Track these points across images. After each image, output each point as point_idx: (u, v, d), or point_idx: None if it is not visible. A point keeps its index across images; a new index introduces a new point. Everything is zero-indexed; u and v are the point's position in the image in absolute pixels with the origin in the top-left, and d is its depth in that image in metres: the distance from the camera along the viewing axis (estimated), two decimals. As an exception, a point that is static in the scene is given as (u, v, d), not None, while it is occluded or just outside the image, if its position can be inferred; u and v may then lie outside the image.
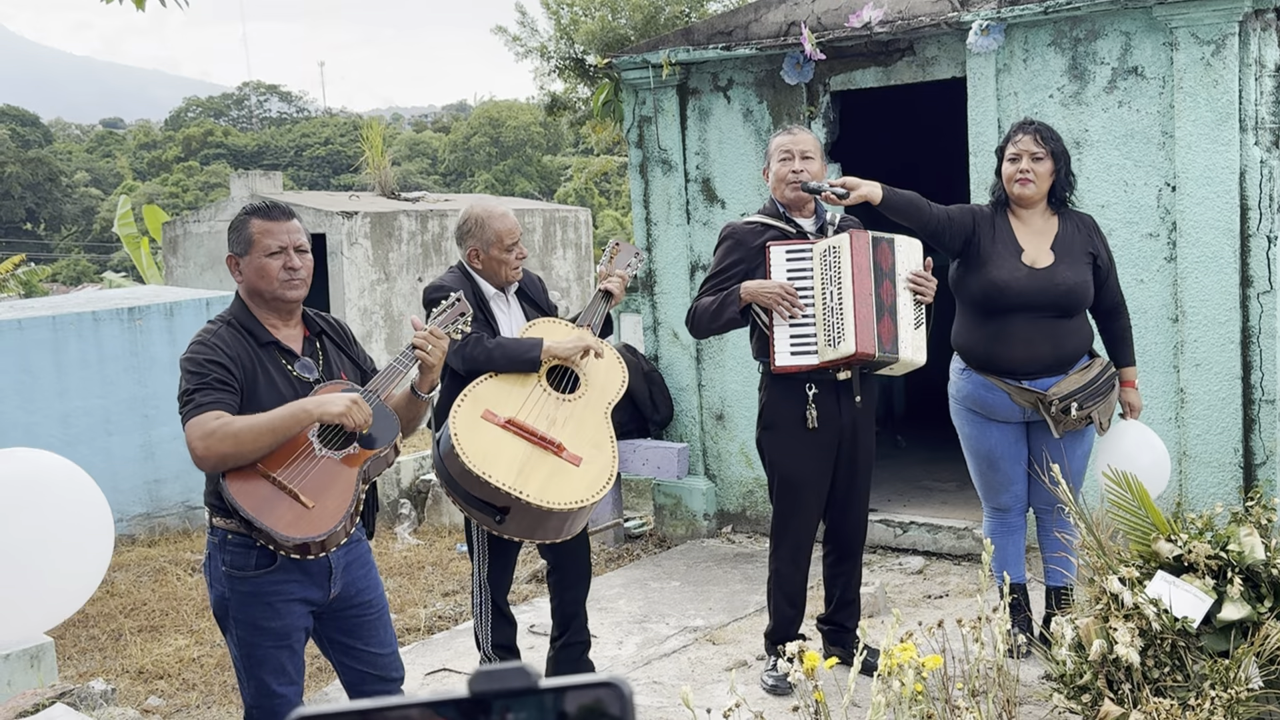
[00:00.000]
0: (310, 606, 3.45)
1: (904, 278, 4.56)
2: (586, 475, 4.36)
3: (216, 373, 3.29)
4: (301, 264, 3.44)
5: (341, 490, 3.33)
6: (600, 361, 4.66)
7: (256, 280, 3.42)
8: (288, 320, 3.51)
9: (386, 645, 3.65)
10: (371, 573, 3.61)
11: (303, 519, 3.26)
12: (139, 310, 8.57)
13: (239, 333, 3.41)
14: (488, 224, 4.65)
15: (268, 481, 3.26)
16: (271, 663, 3.42)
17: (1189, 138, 5.67)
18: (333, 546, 3.35)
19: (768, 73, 6.91)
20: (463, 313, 3.71)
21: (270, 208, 3.48)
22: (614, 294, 4.82)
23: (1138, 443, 4.67)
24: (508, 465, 4.26)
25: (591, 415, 4.53)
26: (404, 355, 3.55)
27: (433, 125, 70.30)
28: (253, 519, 3.21)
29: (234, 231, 3.48)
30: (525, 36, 17.78)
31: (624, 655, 5.39)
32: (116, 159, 62.27)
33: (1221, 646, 3.66)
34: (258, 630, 3.39)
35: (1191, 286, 5.73)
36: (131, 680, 5.64)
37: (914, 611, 5.67)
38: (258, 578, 3.35)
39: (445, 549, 7.64)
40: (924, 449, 8.23)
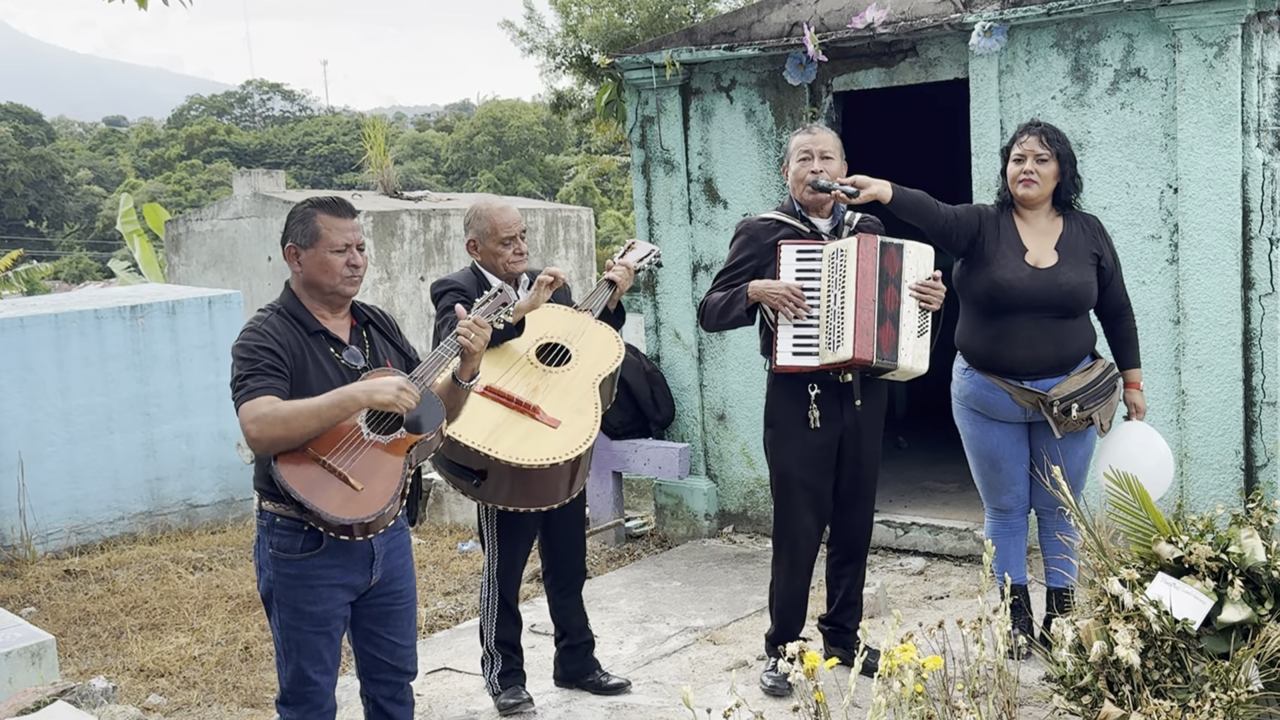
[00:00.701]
0: (352, 593, 3.55)
1: (911, 284, 4.55)
2: (563, 436, 4.39)
3: (268, 359, 3.40)
4: (362, 261, 3.56)
5: (389, 474, 3.42)
6: (595, 338, 4.69)
7: (318, 274, 3.53)
8: (337, 311, 3.61)
9: (408, 637, 3.76)
10: (409, 563, 3.72)
11: (352, 501, 3.34)
12: (141, 308, 8.57)
13: (289, 321, 3.52)
14: (485, 216, 4.73)
15: (318, 464, 3.35)
16: (310, 649, 3.52)
17: (1191, 140, 5.67)
18: (380, 529, 3.44)
19: (770, 73, 6.91)
20: (505, 303, 3.79)
21: (337, 204, 3.57)
22: (617, 283, 4.86)
23: (1141, 444, 4.66)
24: (480, 426, 4.31)
25: (578, 385, 4.56)
26: (448, 343, 3.63)
27: (435, 124, 70.31)
28: (303, 500, 3.29)
29: (298, 223, 3.55)
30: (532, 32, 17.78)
31: (625, 655, 5.39)
32: (119, 157, 62.30)
33: (1222, 648, 3.66)
34: (299, 614, 3.49)
35: (1193, 288, 5.73)
36: (132, 678, 5.65)
37: (915, 612, 5.67)
38: (303, 560, 3.46)
39: (447, 548, 7.64)
40: (925, 450, 8.23)
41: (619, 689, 4.92)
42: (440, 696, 5.03)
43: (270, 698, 5.33)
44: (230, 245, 13.88)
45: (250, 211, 13.73)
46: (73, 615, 6.66)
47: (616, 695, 4.89)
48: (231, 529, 8.68)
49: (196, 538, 8.40)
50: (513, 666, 4.79)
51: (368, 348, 3.63)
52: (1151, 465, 4.54)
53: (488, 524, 4.74)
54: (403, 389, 3.39)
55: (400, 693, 3.79)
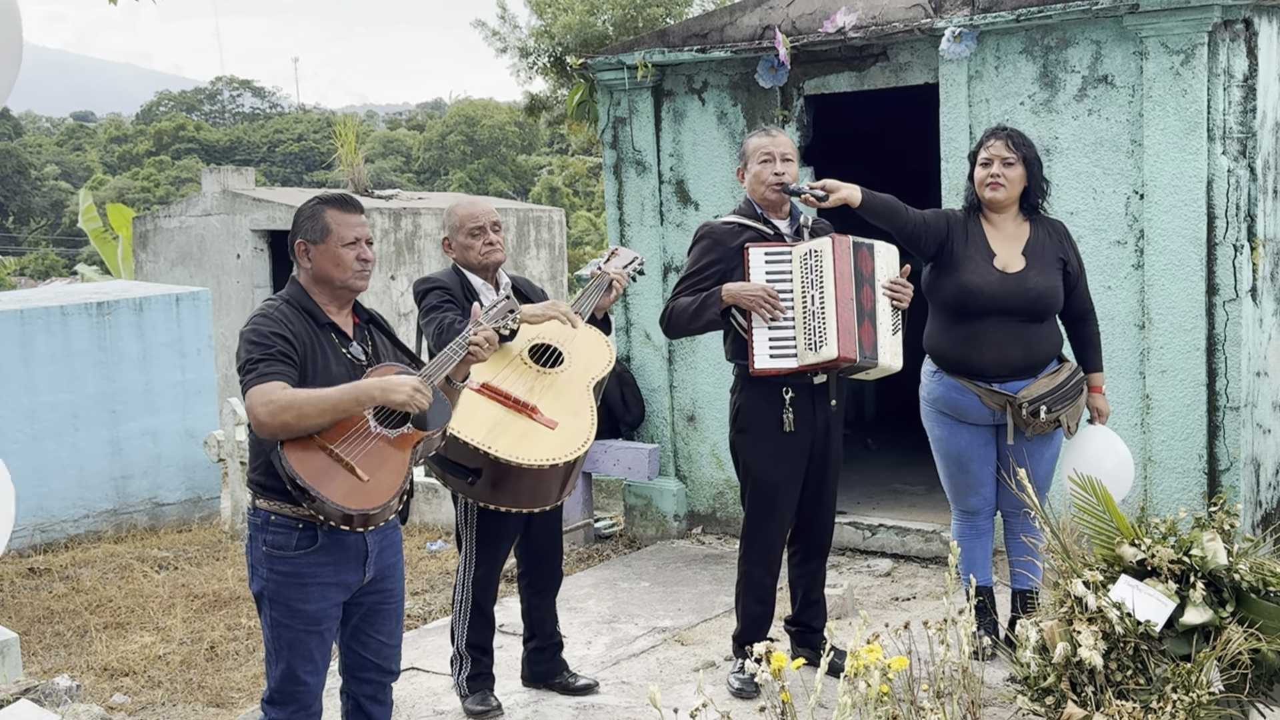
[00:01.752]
0: (345, 592, 3.55)
1: (883, 283, 4.59)
2: (560, 437, 4.38)
3: (280, 345, 3.42)
4: (371, 256, 3.61)
5: (395, 467, 3.44)
6: (587, 341, 4.68)
7: (330, 268, 3.56)
8: (342, 309, 3.65)
9: (394, 637, 3.76)
10: (400, 562, 3.73)
11: (358, 491, 3.36)
12: (108, 305, 8.52)
13: (299, 312, 3.55)
14: (455, 210, 4.76)
15: (325, 453, 3.36)
16: (301, 648, 3.51)
17: (1157, 146, 5.72)
18: (380, 522, 3.44)
19: (742, 75, 6.93)
20: (511, 310, 3.83)
21: (345, 199, 3.62)
22: (614, 289, 4.84)
23: (1103, 448, 4.71)
24: (479, 424, 4.30)
25: (573, 387, 4.55)
26: (458, 345, 3.67)
27: (407, 123, 70.07)
28: (309, 487, 3.30)
29: (307, 219, 3.59)
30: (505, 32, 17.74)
31: (592, 655, 5.40)
32: (87, 152, 61.81)
33: (1183, 650, 3.69)
34: (292, 613, 3.49)
35: (1158, 294, 5.79)
36: (96, 677, 5.61)
37: (882, 613, 5.70)
38: (297, 558, 3.46)
39: (415, 548, 7.63)
40: (894, 452, 8.27)
41: (587, 689, 4.92)
42: (407, 696, 5.02)
43: (236, 697, 5.31)
44: (198, 242, 13.79)
45: (219, 209, 13.65)
46: (37, 614, 6.61)
47: (584, 696, 4.89)
48: (198, 528, 8.63)
49: (162, 536, 8.35)
50: (482, 670, 4.78)
51: (370, 344, 3.67)
52: (1112, 468, 4.59)
53: (466, 528, 4.70)
54: (418, 389, 3.43)
55: (382, 693, 3.79)
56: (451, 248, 4.76)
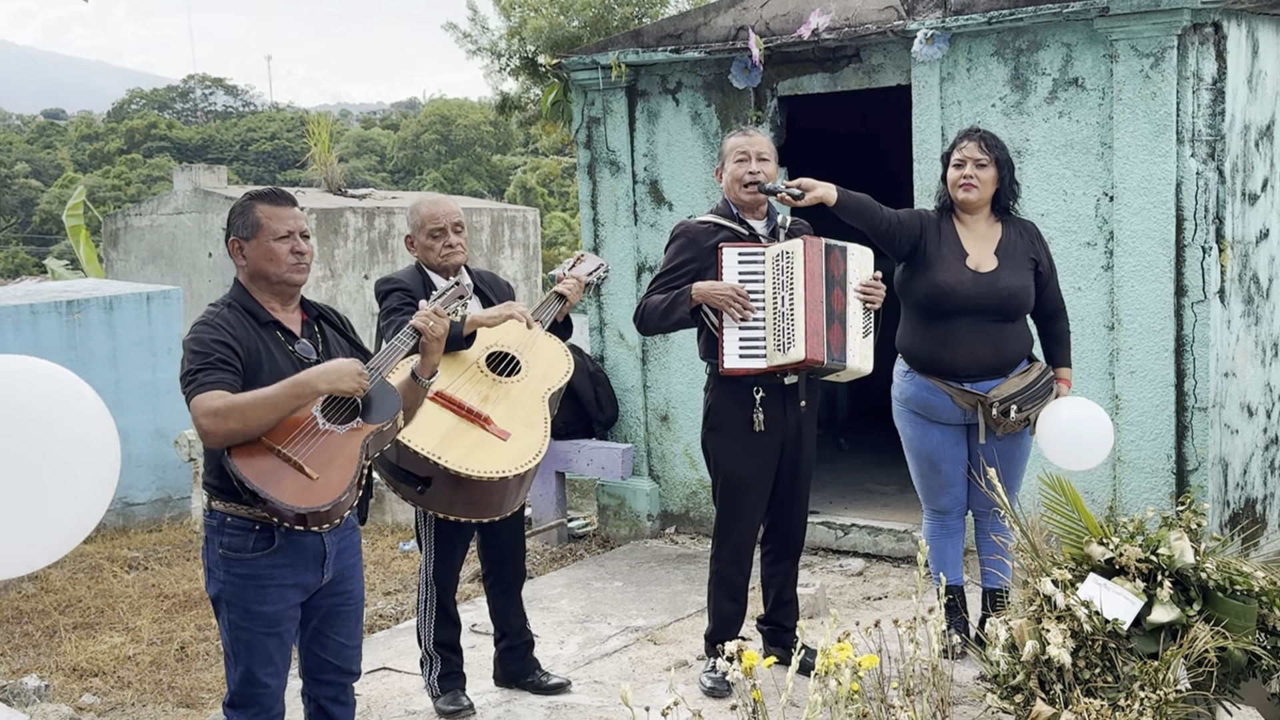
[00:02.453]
0: (303, 593, 3.51)
1: (855, 286, 4.60)
2: (512, 449, 4.33)
3: (220, 352, 3.36)
4: (307, 248, 3.55)
5: (345, 463, 3.40)
6: (545, 350, 4.66)
7: (264, 264, 3.51)
8: (287, 305, 3.60)
9: (354, 638, 3.72)
10: (359, 563, 3.69)
11: (308, 490, 3.32)
12: (78, 303, 8.46)
13: (241, 314, 3.49)
14: (417, 209, 4.74)
15: (273, 454, 3.32)
16: (261, 650, 3.47)
17: (1127, 149, 5.76)
18: (335, 519, 3.40)
19: (716, 76, 6.94)
20: (461, 295, 3.79)
21: (275, 193, 3.57)
22: (567, 297, 4.83)
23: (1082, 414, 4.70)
24: (431, 432, 4.26)
25: (528, 398, 4.52)
26: (405, 334, 3.63)
27: (381, 122, 69.81)
28: (258, 490, 3.25)
29: (238, 216, 3.54)
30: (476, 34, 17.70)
31: (565, 655, 5.40)
32: (58, 150, 61.33)
33: (1151, 648, 3.72)
34: (250, 615, 3.45)
35: (1128, 295, 5.83)
36: (66, 677, 5.58)
37: (853, 612, 5.72)
38: (254, 560, 3.42)
39: (388, 548, 7.61)
40: (866, 452, 8.30)
41: (559, 689, 4.92)
42: (379, 696, 5.01)
43: (206, 698, 5.29)
44: (170, 241, 13.71)
45: (191, 207, 13.58)
46: (5, 613, 6.56)
47: (556, 695, 4.89)
48: (168, 528, 8.59)
49: (132, 536, 8.30)
50: (452, 669, 4.77)
51: (320, 341, 3.62)
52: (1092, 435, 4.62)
53: (425, 526, 4.71)
54: (360, 373, 3.40)
55: (343, 694, 3.75)
56: (414, 246, 4.74)
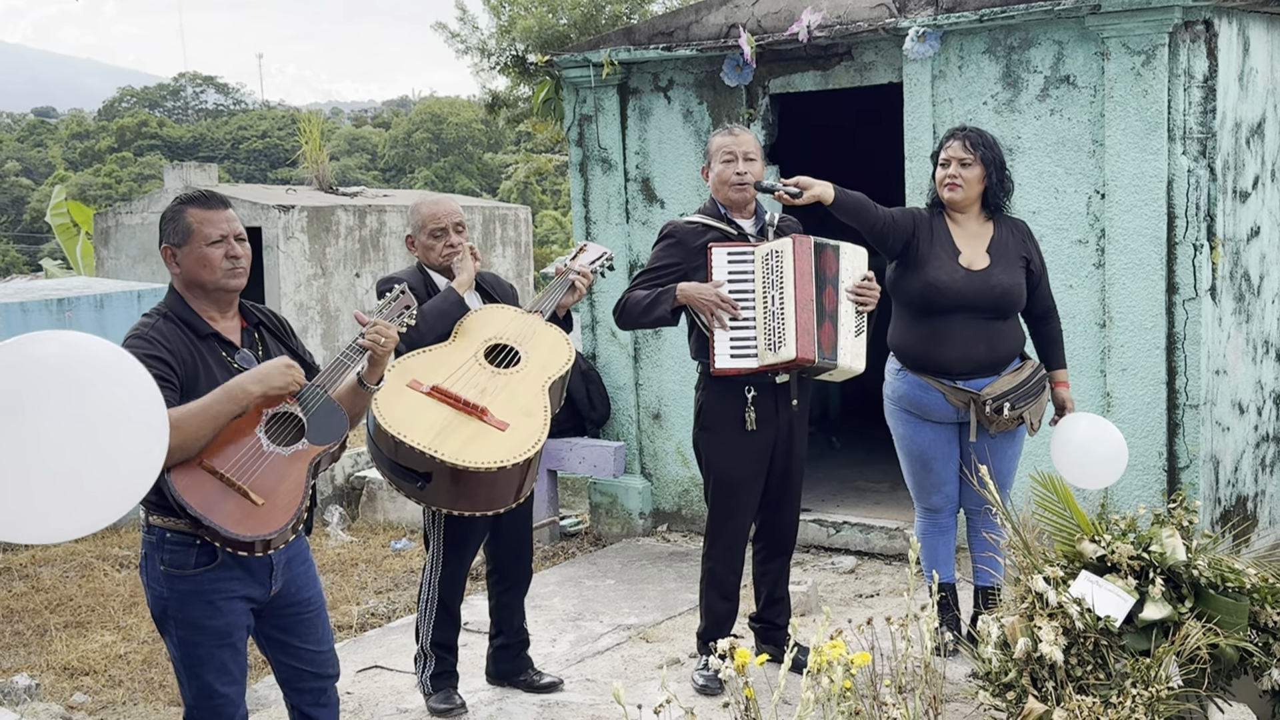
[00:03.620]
0: (251, 604, 3.40)
1: (847, 285, 4.59)
2: (511, 439, 4.27)
3: (157, 368, 3.16)
4: (242, 252, 3.40)
5: (292, 488, 3.27)
6: (545, 339, 4.63)
7: (198, 270, 3.37)
8: (225, 312, 3.46)
9: (324, 642, 3.61)
10: (310, 569, 3.57)
11: (252, 516, 3.19)
12: (68, 302, 8.44)
13: (177, 326, 3.35)
14: (419, 209, 4.72)
15: (214, 477, 3.18)
16: (214, 662, 3.35)
17: (1118, 146, 5.77)
18: (280, 544, 3.29)
19: (708, 74, 6.94)
20: (408, 305, 3.68)
21: (207, 196, 3.43)
22: (578, 286, 4.80)
23: (1095, 433, 4.71)
24: (426, 427, 4.21)
25: (527, 387, 4.46)
26: (350, 350, 3.50)
27: (373, 120, 69.72)
28: (200, 516, 3.13)
29: (169, 222, 3.41)
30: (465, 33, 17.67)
31: (557, 653, 5.39)
32: (49, 148, 61.18)
33: (1143, 646, 3.72)
34: (199, 630, 3.32)
35: (1119, 292, 5.84)
36: (56, 676, 5.56)
37: (845, 610, 5.72)
38: (197, 576, 3.28)
39: (379, 546, 7.60)
40: (858, 450, 8.31)
41: (551, 687, 4.91)
42: (371, 695, 5.00)
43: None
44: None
45: (182, 205, 13.55)
46: (-6, 613, 6.55)
47: (549, 693, 4.88)
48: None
49: (123, 535, 8.27)
50: (446, 668, 4.75)
51: (260, 350, 3.49)
52: (1105, 454, 4.62)
53: (434, 528, 4.66)
54: (290, 366, 3.29)
55: (324, 696, 3.64)
56: (414, 246, 4.72)
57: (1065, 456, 4.66)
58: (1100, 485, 4.81)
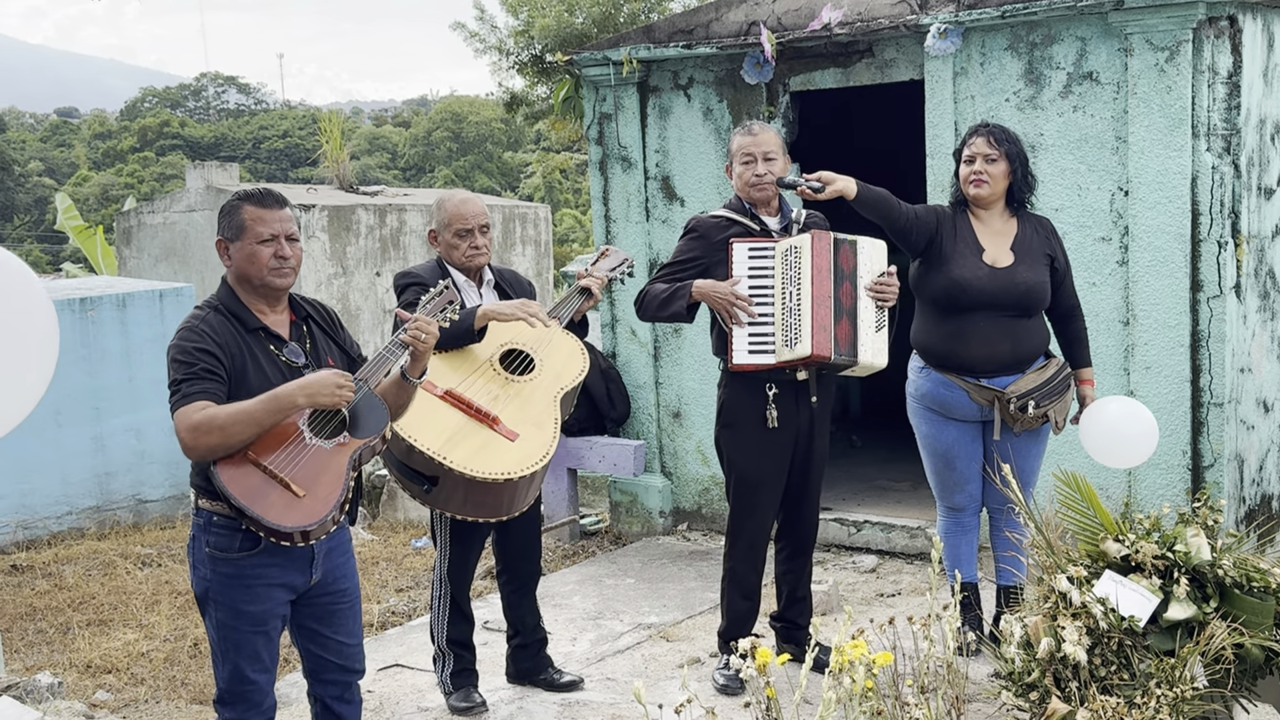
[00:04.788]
0: (290, 593, 3.48)
1: (866, 280, 4.57)
2: (520, 450, 4.29)
3: (205, 361, 3.31)
4: (292, 253, 3.47)
5: (332, 479, 3.35)
6: (561, 348, 4.63)
7: (246, 266, 3.45)
8: (274, 306, 3.53)
9: (354, 636, 3.69)
10: (351, 562, 3.66)
11: (294, 507, 3.27)
12: (91, 301, 8.48)
13: (226, 319, 3.44)
14: (444, 206, 4.68)
15: (258, 470, 3.27)
16: (248, 648, 3.45)
17: (1142, 143, 5.73)
18: (321, 535, 3.36)
19: (728, 72, 6.92)
20: (450, 300, 3.73)
21: (264, 194, 3.50)
22: (592, 293, 4.79)
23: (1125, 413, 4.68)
24: (436, 432, 4.22)
25: (540, 397, 4.47)
26: (393, 344, 3.57)
27: (393, 120, 69.90)
28: (244, 507, 3.22)
29: (226, 216, 3.49)
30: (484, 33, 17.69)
31: (578, 652, 5.39)
32: (73, 148, 61.54)
33: (1167, 646, 3.70)
34: (237, 614, 3.42)
35: (1143, 290, 5.80)
36: (79, 674, 5.59)
37: (866, 609, 5.70)
38: (240, 560, 3.38)
39: (400, 544, 7.61)
40: (879, 449, 8.28)
41: (571, 686, 4.90)
42: (392, 693, 5.00)
43: (219, 694, 5.29)
44: (183, 238, 13.74)
45: (203, 204, 13.60)
46: (19, 611, 6.58)
47: (569, 692, 4.88)
48: (181, 524, 8.60)
49: (145, 533, 8.31)
50: (465, 665, 4.76)
51: (308, 344, 3.55)
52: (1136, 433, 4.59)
53: (440, 523, 4.68)
54: (340, 385, 3.33)
55: (348, 692, 3.72)
56: (437, 242, 4.70)
57: (1096, 436, 4.64)
58: (1129, 464, 4.78)
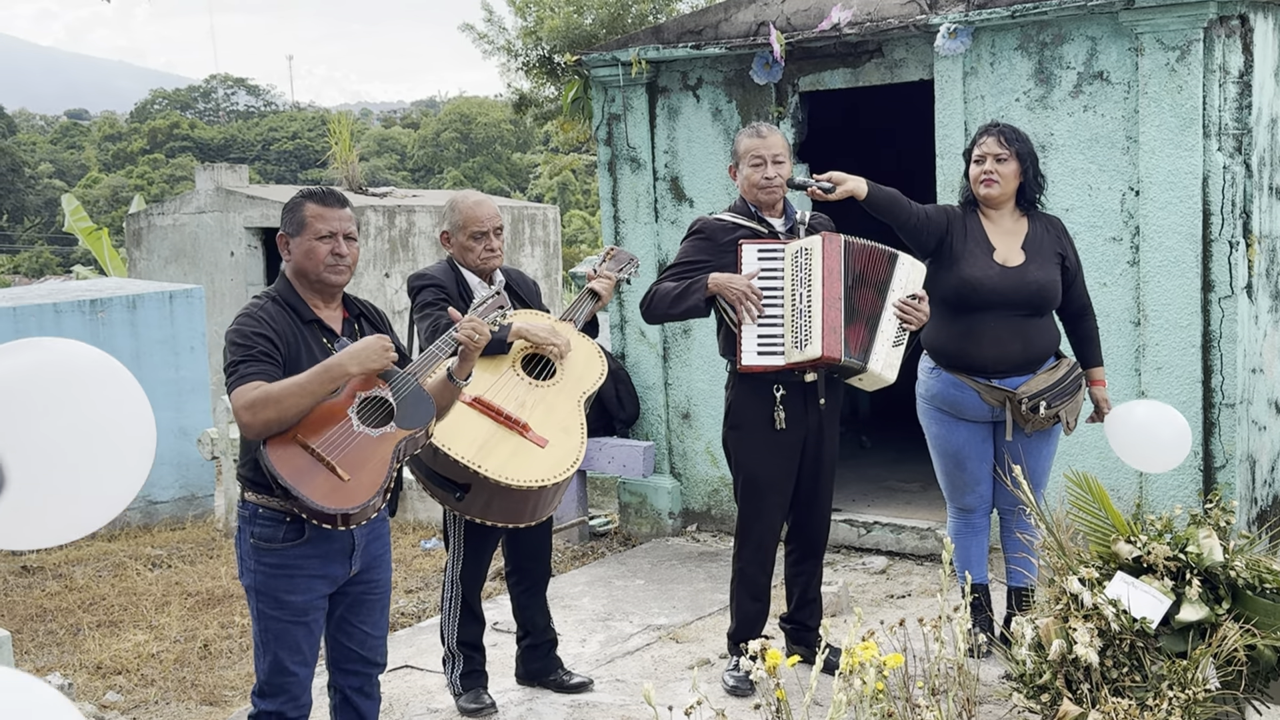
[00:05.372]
0: (331, 584, 3.57)
1: (898, 296, 4.55)
2: (550, 457, 4.33)
3: (262, 345, 3.44)
4: (348, 251, 3.60)
5: (377, 466, 3.44)
6: (580, 352, 4.65)
7: (304, 261, 3.57)
8: (329, 302, 3.66)
9: (379, 628, 3.77)
10: (387, 553, 3.75)
11: (338, 490, 3.37)
12: (101, 302, 8.49)
13: (283, 309, 3.56)
14: (460, 208, 4.68)
15: (306, 452, 3.37)
16: (289, 639, 3.54)
17: (1153, 143, 5.71)
18: (362, 521, 3.45)
19: (737, 72, 6.92)
20: (501, 305, 3.84)
21: (327, 194, 3.63)
22: (600, 295, 4.80)
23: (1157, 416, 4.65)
24: (469, 440, 4.26)
25: (564, 402, 4.50)
26: (444, 342, 3.68)
27: (402, 121, 70.01)
28: (290, 486, 3.31)
29: (289, 212, 3.61)
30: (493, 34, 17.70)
31: (587, 653, 5.38)
32: (83, 150, 61.71)
33: (1179, 647, 3.68)
34: (279, 604, 3.52)
35: (1154, 290, 5.78)
36: (90, 675, 5.59)
37: (876, 611, 5.69)
38: (284, 550, 3.49)
39: (409, 545, 7.61)
40: (889, 450, 8.26)
41: (581, 687, 4.90)
42: (401, 694, 5.00)
43: (229, 696, 5.29)
44: (192, 240, 13.76)
45: (213, 206, 13.62)
46: (29, 612, 6.59)
47: (579, 694, 4.87)
48: (190, 526, 8.61)
49: (155, 534, 8.32)
50: (475, 667, 4.76)
51: (358, 338, 3.66)
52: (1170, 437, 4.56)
53: (454, 526, 4.69)
54: (386, 348, 3.45)
55: (368, 684, 3.79)
56: (450, 243, 4.70)
57: (1126, 439, 4.61)
58: (1164, 469, 4.76)
